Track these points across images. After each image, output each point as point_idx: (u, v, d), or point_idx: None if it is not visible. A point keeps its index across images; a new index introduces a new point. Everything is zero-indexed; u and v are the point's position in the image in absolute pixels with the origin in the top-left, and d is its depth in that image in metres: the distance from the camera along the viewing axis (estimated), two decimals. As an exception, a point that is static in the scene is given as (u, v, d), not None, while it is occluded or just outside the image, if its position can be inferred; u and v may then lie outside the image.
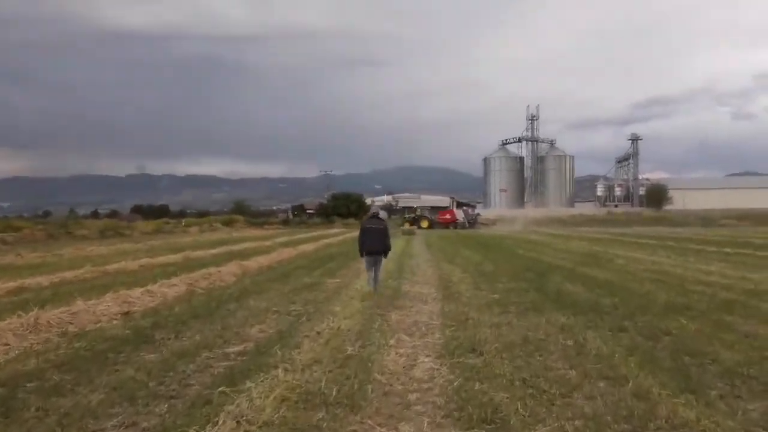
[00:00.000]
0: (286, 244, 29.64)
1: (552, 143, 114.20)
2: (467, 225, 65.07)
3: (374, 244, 11.23)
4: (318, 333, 7.46)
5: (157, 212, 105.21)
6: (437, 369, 5.78)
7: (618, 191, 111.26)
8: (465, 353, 6.38)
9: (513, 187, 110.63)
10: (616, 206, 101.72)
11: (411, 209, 75.75)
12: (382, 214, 12.26)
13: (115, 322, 8.58)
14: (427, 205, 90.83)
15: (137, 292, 10.99)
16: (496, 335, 7.34)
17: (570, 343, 6.95)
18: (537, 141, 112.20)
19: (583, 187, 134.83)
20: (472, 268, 16.44)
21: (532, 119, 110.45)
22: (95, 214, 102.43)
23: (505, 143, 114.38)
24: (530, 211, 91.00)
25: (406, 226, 57.34)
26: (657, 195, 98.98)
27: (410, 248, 26.52)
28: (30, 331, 7.57)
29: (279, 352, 6.38)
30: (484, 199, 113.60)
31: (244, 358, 6.37)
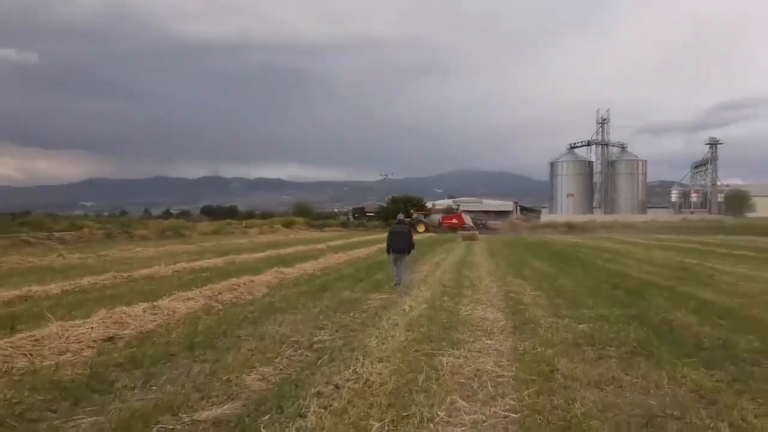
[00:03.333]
0: (338, 249, 27.70)
1: (623, 147, 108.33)
2: (475, 230, 62.22)
3: (400, 244, 13.24)
4: (336, 387, 5.22)
5: (226, 213, 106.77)
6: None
7: (694, 197, 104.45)
8: (559, 445, 3.98)
9: (581, 192, 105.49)
10: (692, 213, 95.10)
11: (470, 213, 72.71)
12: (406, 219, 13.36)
13: (85, 354, 6.63)
14: (490, 209, 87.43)
15: (139, 308, 9.10)
16: (601, 404, 4.88)
17: (724, 426, 4.43)
18: (607, 145, 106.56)
19: (654, 193, 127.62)
20: (546, 284, 13.81)
21: (603, 122, 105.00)
22: (167, 214, 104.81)
23: (573, 147, 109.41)
24: (599, 217, 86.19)
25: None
26: (738, 202, 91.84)
27: (471, 257, 23.97)
28: (-39, 368, 5.71)
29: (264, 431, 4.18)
30: (549, 203, 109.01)
31: (214, 436, 4.21)
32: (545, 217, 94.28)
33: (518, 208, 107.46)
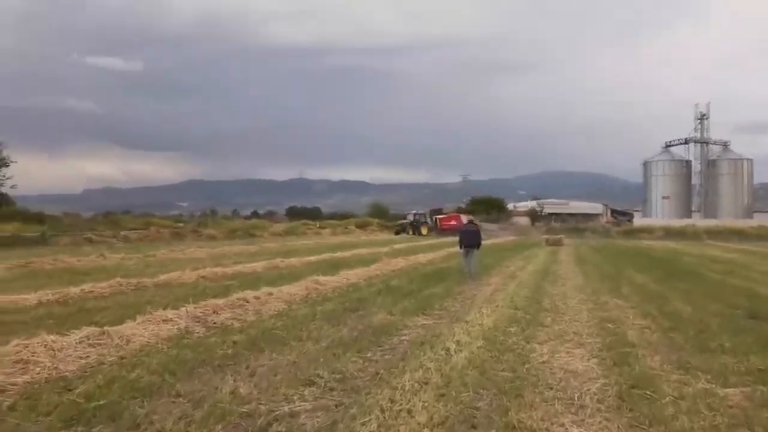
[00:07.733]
0: (399, 253, 24.82)
1: (726, 145, 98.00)
2: None
3: (469, 242, 15.19)
4: None
5: (309, 214, 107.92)
6: None
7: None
8: None
9: (678, 194, 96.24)
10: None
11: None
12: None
13: None
14: (577, 212, 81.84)
15: (76, 336, 6.61)
16: None
17: None
18: (707, 143, 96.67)
19: (758, 197, 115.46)
20: (653, 307, 10.26)
21: (702, 118, 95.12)
22: (254, 215, 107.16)
23: (669, 145, 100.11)
24: (699, 222, 78.26)
25: (396, 233, 55.63)
26: None
27: (555, 265, 20.30)
28: None
29: None
30: (643, 206, 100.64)
31: None
32: (638, 220, 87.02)
33: (608, 210, 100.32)
